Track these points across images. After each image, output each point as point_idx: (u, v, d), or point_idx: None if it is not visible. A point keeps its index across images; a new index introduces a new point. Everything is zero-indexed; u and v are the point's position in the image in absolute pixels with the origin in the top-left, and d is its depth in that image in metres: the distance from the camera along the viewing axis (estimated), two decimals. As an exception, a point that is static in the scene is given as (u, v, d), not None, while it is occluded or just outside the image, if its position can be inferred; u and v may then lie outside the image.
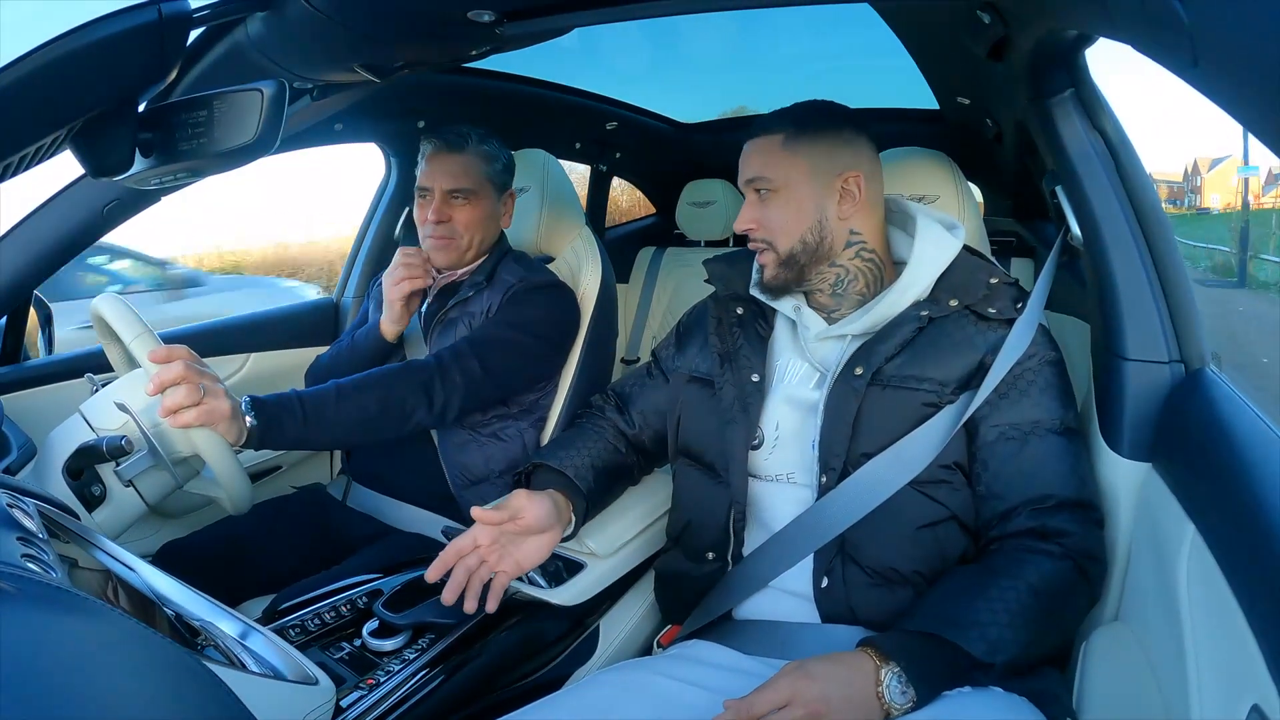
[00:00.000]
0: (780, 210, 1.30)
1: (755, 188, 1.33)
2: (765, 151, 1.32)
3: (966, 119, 2.01)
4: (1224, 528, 0.86)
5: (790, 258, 1.31)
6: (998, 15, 1.14)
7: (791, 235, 1.30)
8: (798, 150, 1.30)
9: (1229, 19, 0.54)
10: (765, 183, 1.31)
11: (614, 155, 3.01)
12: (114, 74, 0.94)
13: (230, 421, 1.28)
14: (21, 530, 0.78)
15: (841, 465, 1.23)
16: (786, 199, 1.30)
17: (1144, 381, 1.19)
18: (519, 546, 1.29)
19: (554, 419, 1.77)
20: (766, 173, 1.31)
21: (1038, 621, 1.07)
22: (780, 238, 1.31)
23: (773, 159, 1.31)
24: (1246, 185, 16.39)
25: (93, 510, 1.32)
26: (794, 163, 1.30)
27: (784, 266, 1.32)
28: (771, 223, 1.31)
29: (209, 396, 1.26)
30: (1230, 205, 17.44)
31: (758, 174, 1.32)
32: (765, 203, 1.31)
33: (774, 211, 1.31)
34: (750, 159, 1.34)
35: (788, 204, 1.30)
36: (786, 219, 1.30)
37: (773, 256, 1.32)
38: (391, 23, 1.23)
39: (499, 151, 1.78)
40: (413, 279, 1.73)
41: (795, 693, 1.01)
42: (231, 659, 0.94)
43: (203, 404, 1.25)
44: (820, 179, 1.30)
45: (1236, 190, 18.19)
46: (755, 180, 1.32)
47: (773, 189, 1.31)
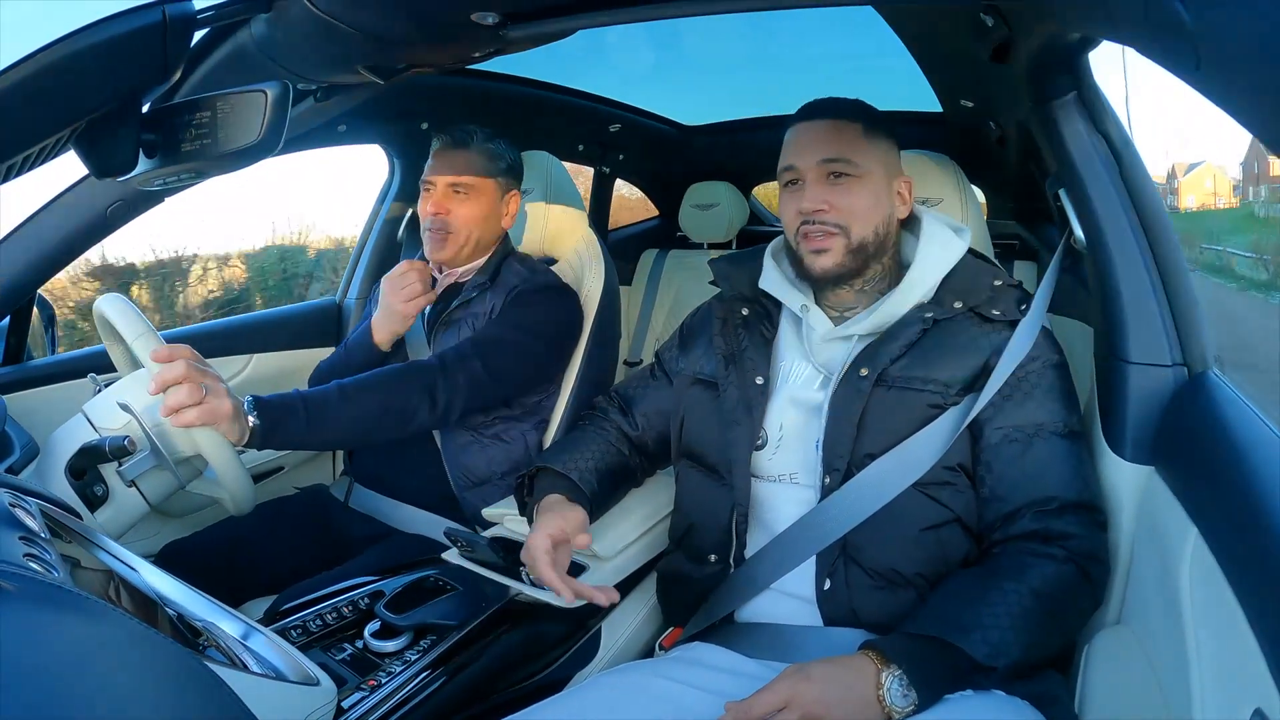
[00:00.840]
0: (860, 197, 1.29)
1: (832, 169, 1.29)
2: (847, 134, 1.30)
3: (969, 122, 2.01)
4: (1227, 531, 0.86)
5: (861, 246, 1.30)
6: (1001, 18, 1.14)
7: (867, 224, 1.30)
8: (876, 143, 1.31)
9: (1232, 22, 0.54)
10: (849, 166, 1.29)
11: (617, 157, 3.01)
12: (118, 75, 0.94)
13: (232, 421, 1.28)
14: (24, 530, 0.78)
15: (845, 466, 1.23)
16: (867, 187, 1.29)
17: (1147, 385, 1.19)
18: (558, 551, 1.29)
19: (556, 421, 1.77)
20: (851, 155, 1.29)
21: (1040, 624, 1.07)
22: (856, 224, 1.29)
23: (857, 144, 1.30)
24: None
25: (95, 510, 1.32)
26: (874, 154, 1.30)
27: (852, 254, 1.30)
28: (850, 207, 1.29)
29: (211, 396, 1.26)
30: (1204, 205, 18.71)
31: (841, 154, 1.29)
32: (844, 187, 1.29)
33: (854, 197, 1.29)
34: (827, 139, 1.31)
35: (867, 192, 1.29)
36: (866, 206, 1.29)
37: (843, 243, 1.29)
38: (395, 25, 1.23)
39: (505, 151, 1.79)
40: (427, 295, 1.74)
41: (794, 695, 1.01)
42: (233, 659, 0.94)
43: (204, 403, 1.25)
44: (888, 176, 1.32)
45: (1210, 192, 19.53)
46: (835, 161, 1.29)
47: (855, 174, 1.29)
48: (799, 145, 1.33)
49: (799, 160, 1.32)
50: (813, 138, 1.32)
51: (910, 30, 1.58)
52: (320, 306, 2.43)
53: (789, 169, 1.33)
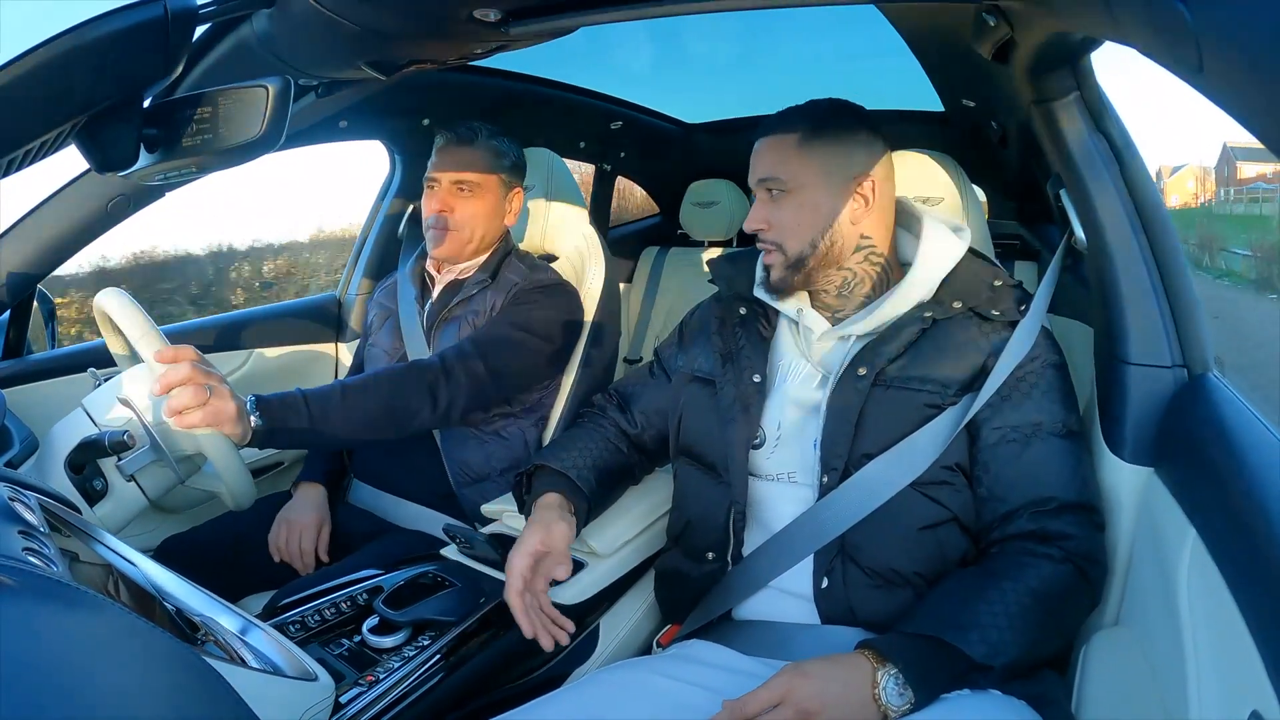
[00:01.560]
0: (792, 212, 1.29)
1: (767, 187, 1.31)
2: (779, 150, 1.30)
3: (971, 121, 2.01)
4: (1225, 532, 0.86)
5: (798, 260, 1.30)
6: (1003, 18, 1.14)
7: (801, 238, 1.29)
8: (813, 151, 1.29)
9: (1235, 24, 0.54)
10: (777, 183, 1.29)
11: (618, 154, 3.01)
12: (120, 69, 0.94)
13: (235, 422, 1.28)
14: (23, 524, 0.78)
15: (843, 465, 1.23)
16: (799, 200, 1.29)
17: (1147, 386, 1.19)
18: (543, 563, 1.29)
19: (556, 418, 1.78)
20: (779, 173, 1.29)
21: (1038, 624, 1.07)
22: (790, 240, 1.30)
23: (786, 159, 1.29)
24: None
25: (94, 504, 1.33)
26: (808, 164, 1.29)
27: (791, 269, 1.31)
28: (782, 224, 1.30)
29: (214, 398, 1.26)
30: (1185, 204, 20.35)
31: (770, 174, 1.30)
32: (777, 203, 1.30)
33: (785, 213, 1.29)
34: (763, 157, 1.32)
35: (800, 206, 1.29)
36: (798, 221, 1.29)
37: (780, 258, 1.31)
38: (397, 20, 1.23)
39: (509, 149, 1.79)
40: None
41: (789, 691, 1.01)
42: (231, 654, 0.94)
43: (208, 405, 1.25)
44: (834, 182, 1.29)
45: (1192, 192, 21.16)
46: (767, 180, 1.30)
47: (785, 189, 1.29)
48: (751, 164, 1.34)
49: (750, 179, 1.35)
50: (756, 156, 1.34)
51: (912, 29, 1.58)
52: (320, 302, 2.43)
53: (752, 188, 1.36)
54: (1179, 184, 22.28)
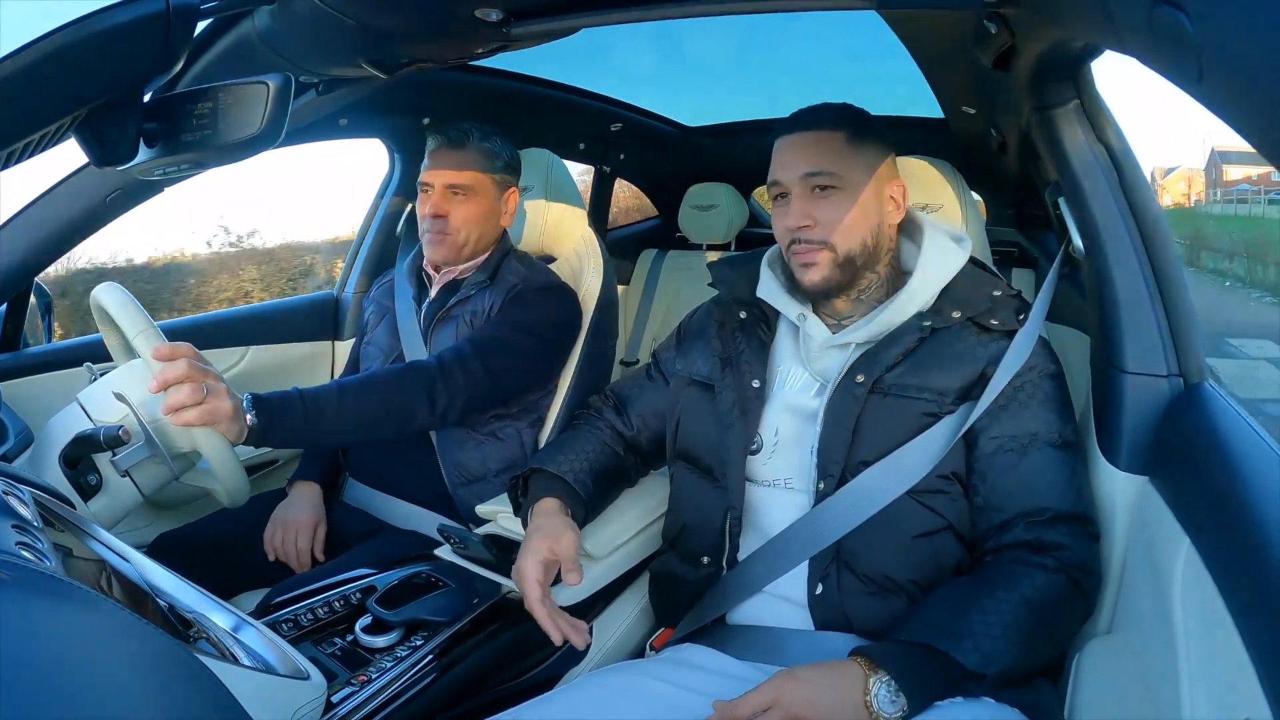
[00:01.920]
0: (845, 210, 1.27)
1: (815, 183, 1.28)
2: (829, 146, 1.28)
3: (971, 128, 2.01)
4: (1219, 542, 0.86)
5: (849, 259, 1.29)
6: (1004, 25, 1.14)
7: (854, 237, 1.28)
8: (862, 151, 1.29)
9: (1235, 33, 0.54)
10: (831, 178, 1.27)
11: (618, 156, 3.01)
12: (120, 64, 0.93)
13: (231, 420, 1.28)
14: (16, 518, 0.78)
15: (840, 472, 1.23)
16: (852, 198, 1.28)
17: (1142, 395, 1.19)
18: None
19: (552, 419, 1.77)
20: (833, 167, 1.27)
21: (1031, 633, 1.07)
22: (841, 238, 1.28)
23: (839, 154, 1.28)
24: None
25: (88, 500, 1.32)
26: (859, 163, 1.28)
27: (840, 268, 1.29)
28: (834, 222, 1.27)
29: (211, 396, 1.25)
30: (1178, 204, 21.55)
31: (822, 167, 1.27)
32: (828, 200, 1.28)
33: (836, 210, 1.27)
34: (808, 151, 1.29)
35: (852, 204, 1.27)
36: (851, 219, 1.27)
37: (829, 257, 1.28)
38: (398, 19, 1.23)
39: (501, 149, 1.78)
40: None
41: (779, 695, 1.01)
42: (223, 652, 0.94)
43: (205, 403, 1.25)
44: (877, 184, 1.29)
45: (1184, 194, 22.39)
46: (818, 175, 1.27)
47: (838, 186, 1.27)
48: (783, 159, 1.31)
49: (783, 175, 1.30)
50: (796, 151, 1.30)
51: (913, 35, 1.58)
52: (318, 300, 2.42)
53: (775, 184, 1.32)
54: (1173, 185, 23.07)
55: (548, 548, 1.26)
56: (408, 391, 1.51)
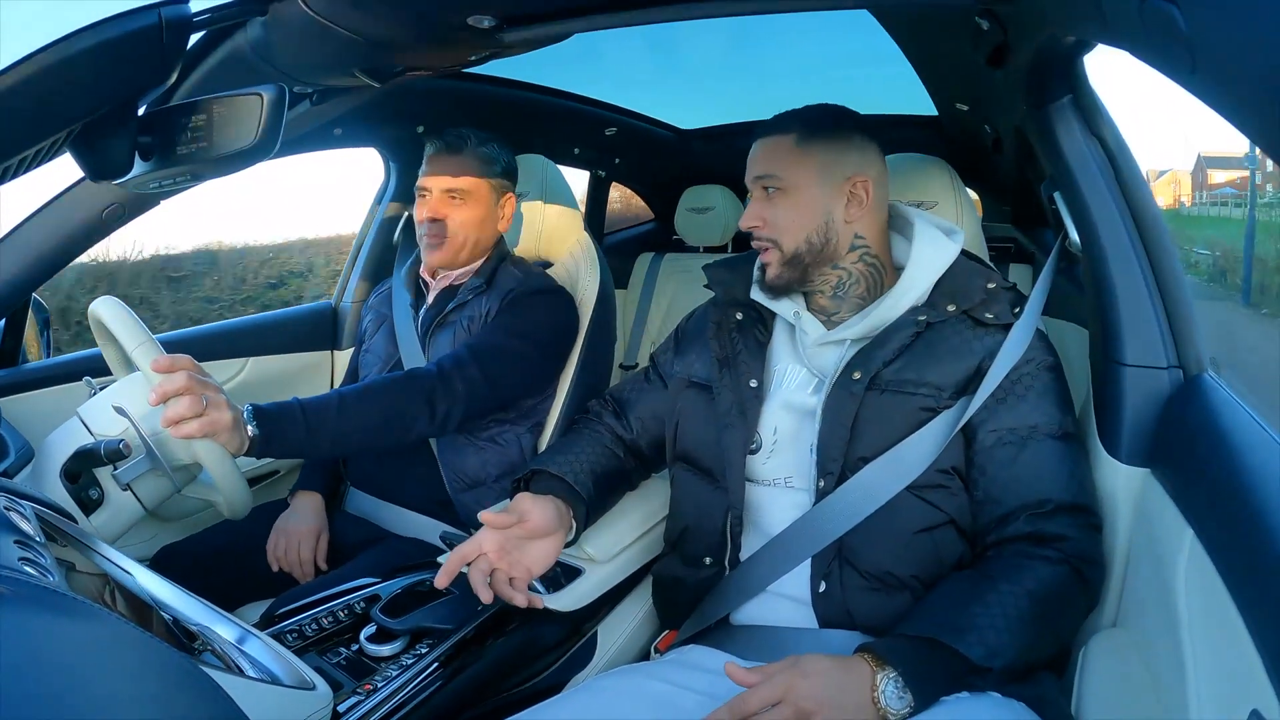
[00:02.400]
0: (788, 209, 1.30)
1: (763, 185, 1.32)
2: (775, 150, 1.32)
3: (965, 125, 2.01)
4: (1222, 533, 0.86)
5: (795, 257, 1.31)
6: (997, 22, 1.14)
7: (797, 235, 1.30)
8: (809, 151, 1.30)
9: (1227, 26, 0.54)
10: (774, 180, 1.31)
11: (613, 161, 3.01)
12: (114, 77, 0.94)
13: (232, 432, 1.28)
14: (19, 534, 0.78)
15: (839, 469, 1.23)
16: (795, 198, 1.30)
17: (1142, 387, 1.19)
18: (526, 552, 1.29)
19: (552, 424, 1.77)
20: (776, 170, 1.31)
21: (1035, 626, 1.07)
22: (785, 237, 1.31)
23: (783, 158, 1.31)
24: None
25: (90, 514, 1.32)
26: (804, 163, 1.30)
27: (788, 266, 1.32)
28: (778, 221, 1.31)
29: (211, 408, 1.25)
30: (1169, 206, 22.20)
31: (766, 171, 1.32)
32: (773, 201, 1.31)
33: (781, 210, 1.31)
34: (760, 156, 1.34)
35: (796, 204, 1.30)
36: (793, 218, 1.30)
37: (777, 255, 1.32)
38: (391, 28, 1.23)
39: (498, 154, 1.79)
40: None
41: (788, 690, 1.01)
42: (228, 664, 0.94)
43: (205, 415, 1.24)
44: (829, 181, 1.30)
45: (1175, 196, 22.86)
46: (764, 178, 1.32)
47: (781, 188, 1.31)
48: (748, 164, 1.36)
49: (747, 178, 1.36)
50: (752, 155, 1.36)
51: (905, 34, 1.59)
52: (316, 310, 2.42)
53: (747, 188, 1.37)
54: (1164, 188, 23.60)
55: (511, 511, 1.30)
56: (408, 400, 1.50)
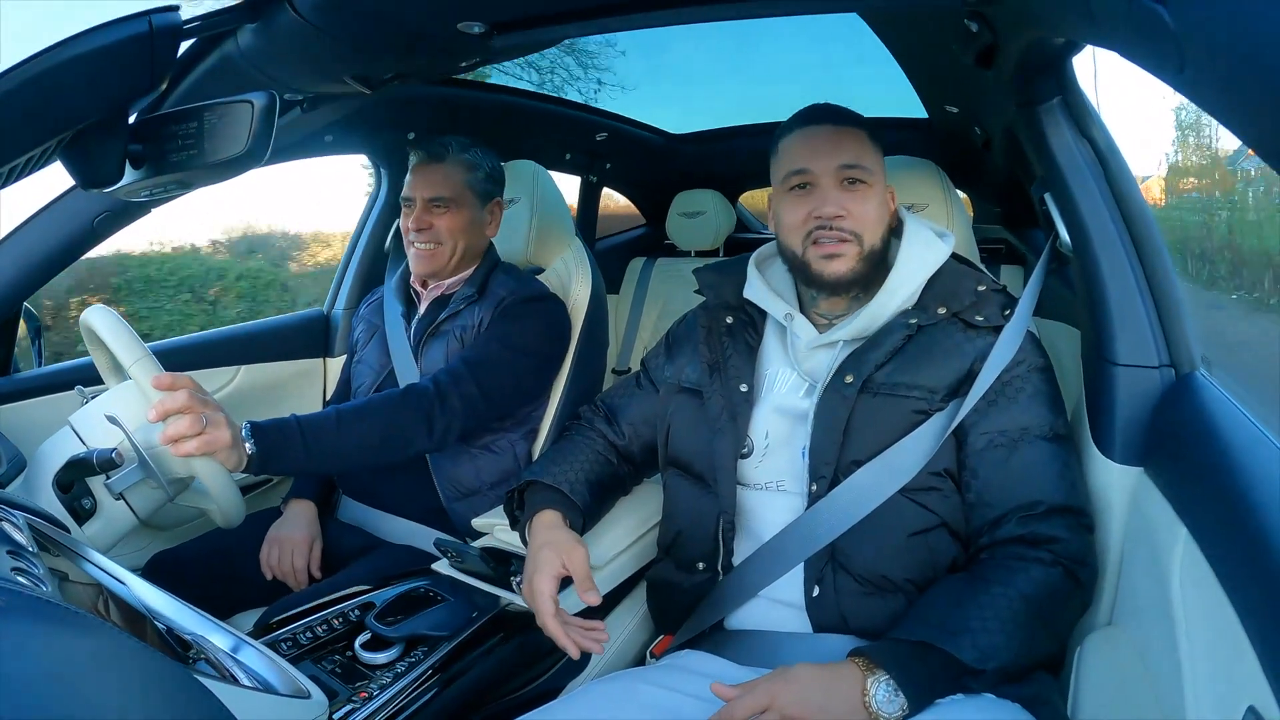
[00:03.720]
0: (873, 204, 1.29)
1: (848, 175, 1.28)
2: (861, 142, 1.30)
3: (955, 127, 2.02)
4: (1216, 530, 0.87)
5: (872, 253, 1.30)
6: (985, 23, 1.14)
7: (877, 232, 1.30)
8: (877, 152, 1.32)
9: (1215, 25, 0.55)
10: (863, 173, 1.28)
11: (604, 166, 3.02)
12: (104, 85, 0.93)
13: (230, 450, 1.27)
14: (11, 544, 0.78)
15: (832, 473, 1.23)
16: (877, 194, 1.30)
17: (1135, 386, 1.19)
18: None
19: (545, 430, 1.77)
20: (864, 162, 1.29)
21: (1029, 627, 1.07)
22: (868, 232, 1.29)
23: (868, 151, 1.30)
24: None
25: (83, 523, 1.31)
26: (878, 163, 1.31)
27: (864, 261, 1.29)
28: (865, 215, 1.29)
29: (211, 426, 1.24)
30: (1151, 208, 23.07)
31: (857, 160, 1.28)
32: (857, 193, 1.29)
33: (868, 204, 1.29)
34: (842, 144, 1.29)
35: (878, 199, 1.30)
36: (878, 214, 1.30)
37: (857, 250, 1.29)
38: (381, 34, 1.23)
39: (481, 160, 1.79)
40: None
41: (773, 697, 1.01)
42: (223, 672, 0.94)
43: (204, 434, 1.23)
44: (885, 183, 1.32)
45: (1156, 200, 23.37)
46: (853, 167, 1.28)
47: (868, 182, 1.29)
48: (811, 148, 1.30)
49: (813, 164, 1.29)
50: (826, 142, 1.30)
51: (895, 36, 1.59)
52: (308, 317, 2.42)
53: (801, 172, 1.30)
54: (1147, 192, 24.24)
55: (561, 563, 1.26)
56: (406, 417, 1.50)
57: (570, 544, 1.29)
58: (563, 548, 1.28)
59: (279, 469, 1.38)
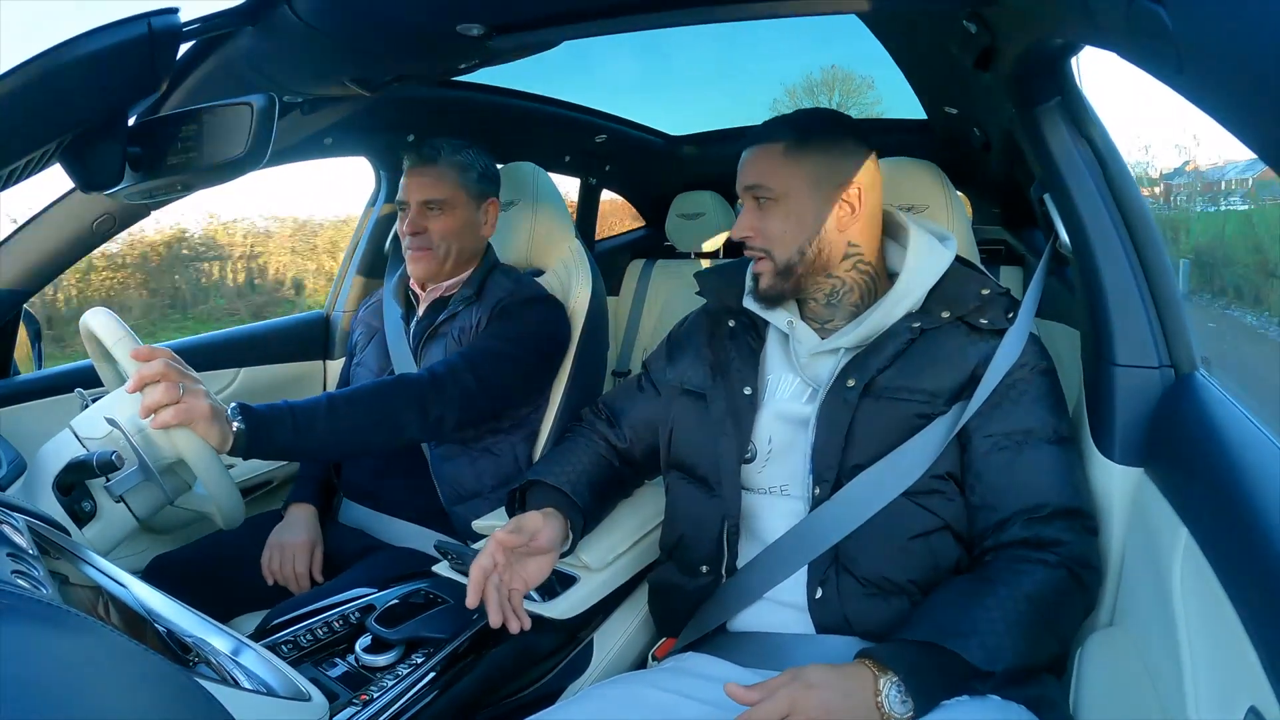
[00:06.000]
0: (779, 220, 1.29)
1: (754, 195, 1.31)
2: (766, 159, 1.30)
3: (954, 128, 2.02)
4: (1217, 530, 0.87)
5: (787, 268, 1.30)
6: (984, 25, 1.14)
7: (789, 245, 1.29)
8: (800, 160, 1.29)
9: (1213, 25, 0.55)
10: (765, 191, 1.29)
11: (603, 168, 3.02)
12: (104, 88, 0.93)
13: (210, 422, 1.26)
14: (11, 546, 0.78)
15: (835, 476, 1.23)
16: (786, 209, 1.29)
17: (1135, 387, 1.19)
18: (525, 565, 1.30)
19: (545, 433, 1.77)
20: (766, 181, 1.29)
21: (1035, 629, 1.07)
22: (778, 247, 1.30)
23: (773, 167, 1.29)
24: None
25: (83, 526, 1.31)
26: (795, 172, 1.29)
27: (780, 276, 1.31)
28: (770, 232, 1.30)
29: (188, 395, 1.24)
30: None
31: (757, 182, 1.30)
32: (764, 211, 1.30)
33: (773, 221, 1.30)
34: (750, 166, 1.32)
35: (788, 214, 1.29)
36: (785, 229, 1.29)
37: (770, 265, 1.31)
38: (380, 36, 1.23)
39: (474, 161, 1.79)
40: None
41: (794, 703, 1.00)
42: (224, 675, 0.93)
43: (181, 403, 1.23)
44: (821, 190, 1.29)
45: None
46: (755, 188, 1.30)
47: (772, 198, 1.29)
48: (739, 171, 1.34)
49: (738, 186, 1.34)
50: (743, 165, 1.34)
51: (894, 38, 1.59)
52: (308, 319, 2.42)
53: (737, 195, 1.35)
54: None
55: (515, 525, 1.29)
56: (398, 402, 1.50)
57: (532, 513, 1.33)
58: (524, 517, 1.32)
59: (268, 451, 1.37)
